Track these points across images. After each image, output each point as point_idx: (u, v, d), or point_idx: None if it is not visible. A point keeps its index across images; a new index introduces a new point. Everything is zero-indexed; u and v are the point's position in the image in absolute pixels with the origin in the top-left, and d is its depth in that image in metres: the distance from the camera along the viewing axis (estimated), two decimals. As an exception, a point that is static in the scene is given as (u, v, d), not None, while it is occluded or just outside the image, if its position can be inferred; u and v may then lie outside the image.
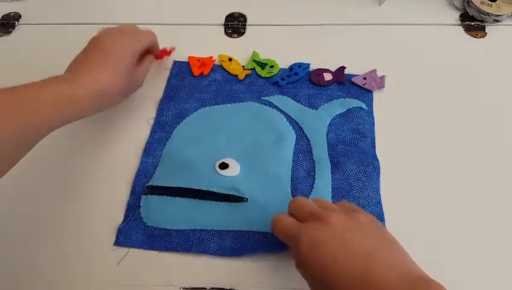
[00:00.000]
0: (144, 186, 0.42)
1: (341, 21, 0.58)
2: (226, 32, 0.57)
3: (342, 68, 0.52)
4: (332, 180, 0.43)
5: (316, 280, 0.30)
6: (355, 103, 0.49)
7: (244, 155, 0.44)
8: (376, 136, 0.46)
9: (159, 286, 0.37)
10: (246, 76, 0.52)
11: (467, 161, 0.45)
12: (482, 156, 0.45)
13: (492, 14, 0.57)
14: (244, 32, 0.57)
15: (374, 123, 0.47)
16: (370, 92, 0.50)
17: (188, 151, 0.45)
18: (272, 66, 0.52)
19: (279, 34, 0.57)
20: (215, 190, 0.41)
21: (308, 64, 0.52)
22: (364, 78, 0.51)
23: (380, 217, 0.40)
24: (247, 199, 0.41)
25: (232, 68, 0.52)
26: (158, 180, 0.42)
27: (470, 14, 0.59)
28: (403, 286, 0.26)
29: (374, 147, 0.45)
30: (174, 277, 0.38)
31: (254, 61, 0.53)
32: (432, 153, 0.45)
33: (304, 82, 0.51)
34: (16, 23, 0.59)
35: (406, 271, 0.28)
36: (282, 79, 0.51)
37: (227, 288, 0.37)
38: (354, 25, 0.58)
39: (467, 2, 0.59)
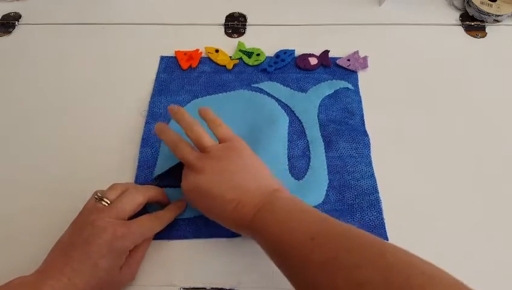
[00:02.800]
0: (148, 178, 0.43)
1: (341, 21, 0.58)
2: (226, 32, 0.57)
3: (326, 52, 0.54)
4: (326, 158, 0.45)
5: (203, 205, 0.36)
6: (342, 84, 0.51)
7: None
8: (364, 114, 0.48)
9: (159, 286, 0.37)
10: (234, 65, 0.53)
11: (466, 159, 0.45)
12: (482, 156, 0.45)
13: (492, 14, 0.57)
14: (244, 32, 0.57)
15: (361, 102, 0.50)
16: (355, 72, 0.52)
17: (187, 139, 0.45)
18: (258, 54, 0.54)
19: (279, 34, 0.57)
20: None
21: (293, 50, 0.54)
22: (348, 60, 0.53)
23: (374, 188, 0.43)
24: None
25: (219, 59, 0.53)
26: (161, 169, 0.43)
27: (470, 14, 0.59)
28: (261, 195, 0.34)
29: (363, 124, 0.48)
30: (174, 277, 0.38)
31: (240, 51, 0.54)
32: (428, 150, 0.46)
33: (291, 67, 0.53)
34: (16, 23, 0.59)
35: (266, 186, 0.35)
36: (270, 66, 0.52)
37: (227, 288, 0.37)
38: (354, 25, 0.58)
39: (467, 2, 0.59)
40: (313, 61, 0.53)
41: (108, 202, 0.36)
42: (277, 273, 0.37)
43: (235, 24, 0.58)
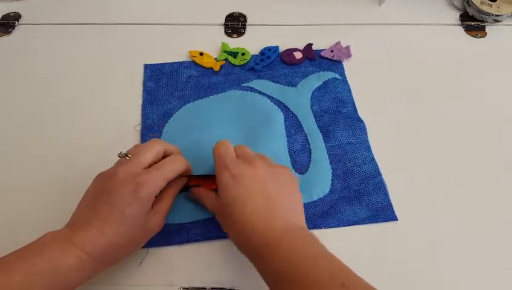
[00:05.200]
0: None
1: (341, 21, 0.58)
2: (226, 32, 0.57)
3: (310, 45, 0.54)
4: (326, 148, 0.45)
5: (226, 210, 0.35)
6: (329, 74, 0.52)
7: (239, 141, 0.44)
8: (356, 101, 0.50)
9: (159, 286, 0.37)
10: (221, 67, 0.53)
11: (466, 159, 0.45)
12: (482, 156, 0.46)
13: (492, 14, 0.57)
14: (244, 32, 0.57)
15: (350, 90, 0.51)
16: (340, 62, 0.53)
17: (183, 146, 0.45)
18: (243, 54, 0.54)
19: (279, 34, 0.56)
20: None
21: (277, 46, 0.54)
22: (332, 51, 0.54)
23: (377, 171, 0.44)
24: None
25: (205, 62, 0.53)
26: None
27: (470, 14, 0.59)
28: (286, 231, 0.32)
29: (355, 111, 0.49)
30: (174, 277, 0.38)
31: (225, 51, 0.54)
32: (427, 142, 0.46)
33: (277, 63, 0.54)
34: (16, 23, 0.59)
35: (293, 221, 0.34)
36: (257, 64, 0.52)
37: (227, 288, 0.37)
38: (354, 25, 0.58)
39: (467, 2, 0.59)
40: (298, 55, 0.53)
41: (130, 156, 0.37)
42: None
43: (235, 24, 0.58)
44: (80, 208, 0.35)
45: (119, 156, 0.37)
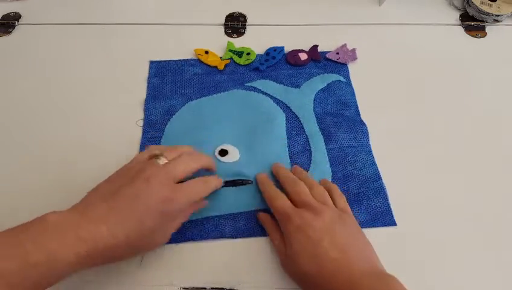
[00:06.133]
0: None
1: (341, 21, 0.58)
2: (226, 32, 0.57)
3: (315, 46, 0.54)
4: (327, 151, 0.45)
5: (294, 259, 0.34)
6: (333, 77, 0.52)
7: (240, 140, 0.46)
8: (358, 105, 0.49)
9: (159, 286, 0.37)
10: (226, 66, 0.53)
11: (467, 164, 0.45)
12: (482, 157, 0.46)
13: (492, 14, 0.57)
14: (244, 32, 0.57)
15: (354, 93, 0.50)
16: (345, 65, 0.53)
17: (184, 143, 0.45)
18: (248, 54, 0.54)
19: (279, 34, 0.57)
20: (221, 178, 0.42)
21: (283, 47, 0.54)
22: (337, 53, 0.54)
23: (377, 176, 0.44)
24: (251, 181, 0.43)
25: (210, 60, 0.53)
26: None
27: (470, 14, 0.59)
28: (367, 276, 0.32)
29: (358, 114, 0.49)
30: (174, 277, 0.38)
31: (230, 51, 0.54)
32: (428, 152, 0.46)
33: (282, 64, 0.53)
34: (16, 23, 0.59)
35: (372, 266, 0.34)
36: (261, 64, 0.53)
37: (227, 288, 0.37)
38: (354, 25, 0.58)
39: (467, 2, 0.59)
40: (303, 56, 0.53)
41: (166, 162, 0.36)
42: (277, 273, 0.38)
43: (235, 24, 0.58)
44: (96, 197, 0.33)
45: (155, 155, 0.36)
